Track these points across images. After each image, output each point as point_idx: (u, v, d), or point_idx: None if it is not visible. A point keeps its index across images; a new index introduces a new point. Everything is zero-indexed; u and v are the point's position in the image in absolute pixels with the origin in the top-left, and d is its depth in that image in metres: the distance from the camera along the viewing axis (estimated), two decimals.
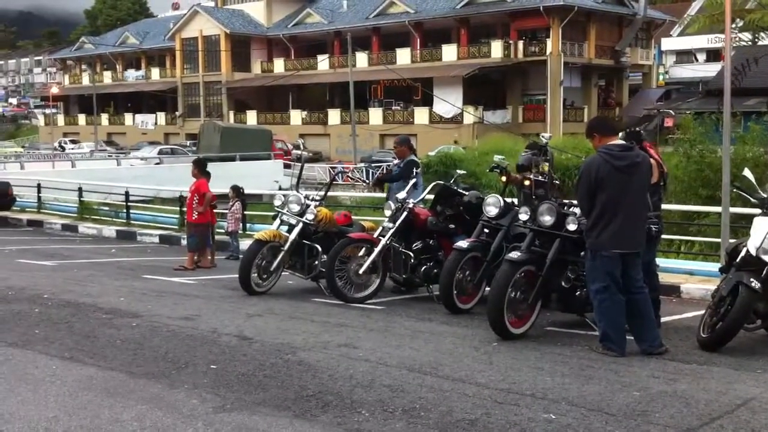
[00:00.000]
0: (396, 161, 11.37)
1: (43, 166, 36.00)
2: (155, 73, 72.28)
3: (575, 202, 7.75)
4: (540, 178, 8.24)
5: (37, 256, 13.58)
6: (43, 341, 6.94)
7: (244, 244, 12.70)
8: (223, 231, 15.15)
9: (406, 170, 10.49)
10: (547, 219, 7.33)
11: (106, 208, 20.70)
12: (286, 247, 9.52)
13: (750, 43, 19.76)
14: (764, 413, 5.21)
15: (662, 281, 10.20)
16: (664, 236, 13.07)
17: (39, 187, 22.26)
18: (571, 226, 7.28)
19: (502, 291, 7.01)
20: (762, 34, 18.42)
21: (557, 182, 8.73)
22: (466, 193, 9.49)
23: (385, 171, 11.85)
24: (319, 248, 9.49)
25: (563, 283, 7.39)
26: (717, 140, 19.62)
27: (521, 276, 7.17)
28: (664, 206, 14.49)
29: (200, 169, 12.67)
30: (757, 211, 7.65)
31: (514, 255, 7.20)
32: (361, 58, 56.53)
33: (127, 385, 5.63)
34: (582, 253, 7.50)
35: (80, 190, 20.82)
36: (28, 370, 6.02)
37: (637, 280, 6.80)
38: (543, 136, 8.45)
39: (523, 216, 7.63)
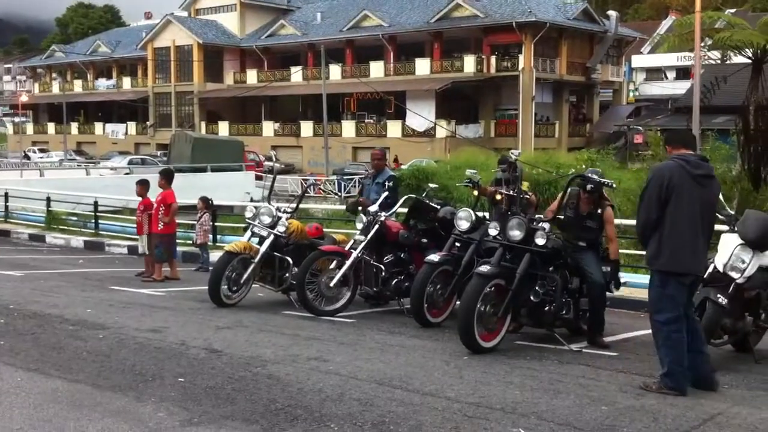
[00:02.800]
0: (368, 173, 11.13)
1: (10, 175, 35.52)
2: (127, 82, 71.83)
3: (543, 216, 7.80)
4: (511, 192, 8.29)
5: (3, 266, 13.39)
6: (8, 352, 6.84)
7: (215, 255, 12.62)
8: (190, 242, 15.08)
9: (394, 192, 9.94)
10: (516, 234, 7.37)
11: (75, 218, 20.47)
12: (257, 259, 9.47)
13: (719, 61, 20.06)
14: (730, 428, 5.26)
15: (631, 296, 10.37)
16: (632, 252, 13.24)
17: (6, 195, 21.97)
18: (540, 241, 7.32)
19: (472, 304, 7.02)
20: (730, 53, 18.71)
21: (528, 196, 8.75)
22: (439, 207, 9.50)
23: (361, 189, 11.45)
24: (290, 260, 9.45)
25: (532, 298, 7.42)
26: None
27: (491, 290, 7.19)
28: (633, 222, 14.64)
29: (167, 180, 12.56)
30: (725, 227, 7.74)
31: (484, 269, 7.22)
32: (335, 71, 56.61)
33: (93, 398, 5.55)
34: (551, 268, 7.56)
35: (48, 199, 20.58)
36: None
37: (690, 307, 6.24)
38: (513, 153, 8.51)
39: (493, 231, 7.66)
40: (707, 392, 6.12)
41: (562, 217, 7.88)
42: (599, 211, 7.89)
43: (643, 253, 13.08)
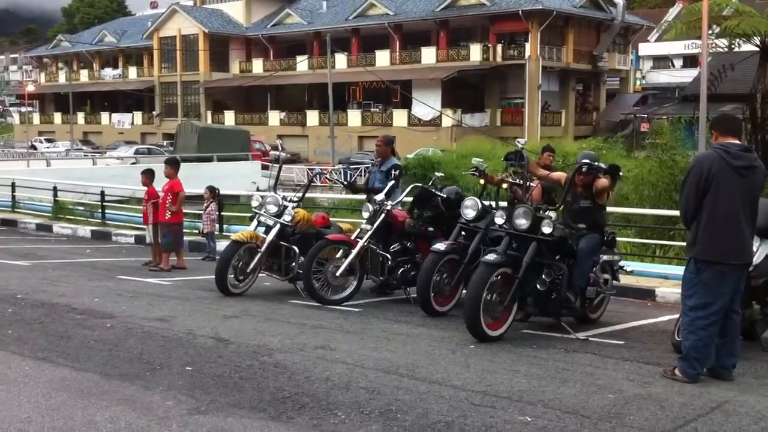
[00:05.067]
0: (374, 161, 11.07)
1: (17, 165, 35.60)
2: (132, 72, 71.81)
3: (550, 206, 7.78)
4: (518, 181, 8.28)
5: (11, 255, 13.44)
6: (16, 341, 6.87)
7: (221, 245, 12.64)
8: (196, 232, 15.11)
9: (396, 180, 9.88)
10: (522, 222, 7.35)
11: (81, 208, 20.49)
12: (263, 248, 9.47)
13: (726, 49, 19.95)
14: (738, 416, 5.26)
15: (637, 285, 10.35)
16: (639, 240, 13.22)
17: (13, 186, 21.99)
18: (546, 230, 7.31)
19: (479, 293, 7.02)
20: (738, 40, 18.60)
21: (534, 185, 8.74)
22: (443, 194, 9.45)
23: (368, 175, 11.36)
24: (297, 250, 9.45)
25: (539, 286, 7.41)
26: (692, 146, 19.80)
27: (497, 278, 7.19)
28: (639, 210, 14.65)
29: (174, 169, 12.56)
30: None
31: (490, 257, 7.21)
32: (341, 60, 56.53)
33: (101, 386, 5.58)
34: (558, 257, 7.55)
35: (55, 189, 20.61)
36: (0, 370, 5.95)
37: (736, 301, 6.20)
38: (519, 142, 8.47)
39: (499, 219, 7.64)
40: (715, 380, 6.11)
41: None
42: (593, 188, 7.86)
43: (649, 242, 13.13)
